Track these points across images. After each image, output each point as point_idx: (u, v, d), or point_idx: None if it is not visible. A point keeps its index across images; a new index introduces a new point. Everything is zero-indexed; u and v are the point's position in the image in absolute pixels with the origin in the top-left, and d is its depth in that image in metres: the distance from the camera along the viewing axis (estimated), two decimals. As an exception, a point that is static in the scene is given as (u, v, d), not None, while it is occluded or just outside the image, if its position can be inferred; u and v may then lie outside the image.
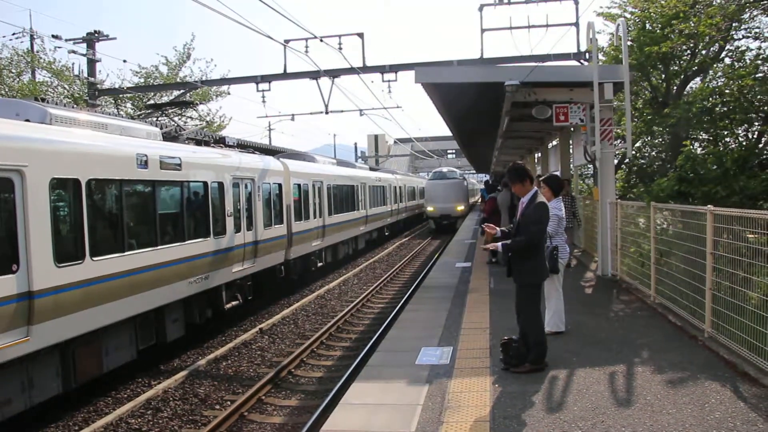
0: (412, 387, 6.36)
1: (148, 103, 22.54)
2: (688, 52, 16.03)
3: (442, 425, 5.35)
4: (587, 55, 16.65)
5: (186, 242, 10.99)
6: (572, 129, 14.87)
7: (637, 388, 6.00)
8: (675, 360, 6.74)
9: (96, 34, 20.73)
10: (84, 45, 20.63)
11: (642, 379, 6.25)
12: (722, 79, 15.67)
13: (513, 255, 6.64)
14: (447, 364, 7.04)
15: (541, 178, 8.57)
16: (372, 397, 6.17)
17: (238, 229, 13.13)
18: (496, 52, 28.70)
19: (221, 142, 14.63)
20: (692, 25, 13.83)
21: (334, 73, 19.00)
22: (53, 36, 20.17)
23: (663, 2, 14.92)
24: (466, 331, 8.46)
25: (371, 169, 35.70)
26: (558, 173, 16.40)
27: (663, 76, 16.90)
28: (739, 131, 14.44)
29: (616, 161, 15.11)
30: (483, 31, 18.22)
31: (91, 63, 20.61)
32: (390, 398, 6.13)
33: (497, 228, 6.91)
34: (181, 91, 22.53)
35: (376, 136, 64.67)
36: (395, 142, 58.69)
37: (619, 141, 14.51)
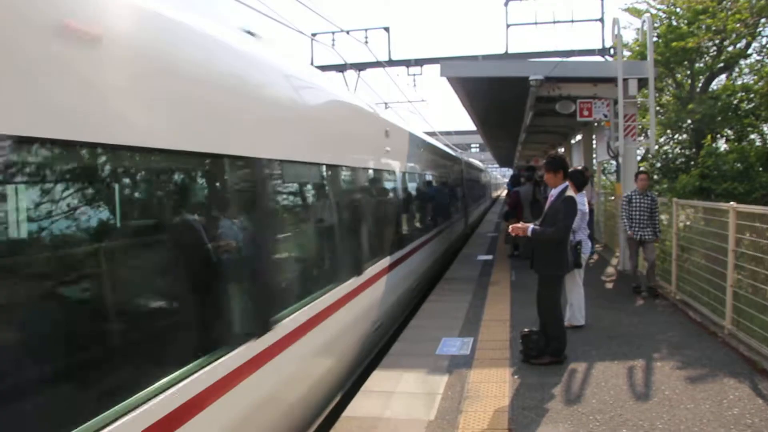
0: (432, 376, 6.45)
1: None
2: (714, 48, 15.87)
3: (461, 414, 5.43)
4: (612, 50, 16.55)
5: None
6: (596, 124, 14.81)
7: (656, 382, 6.03)
8: (694, 356, 6.75)
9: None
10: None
11: (661, 373, 6.27)
12: (749, 76, 15.51)
13: (536, 247, 6.68)
14: (467, 354, 7.12)
15: None
16: (392, 385, 6.25)
17: None
18: (521, 47, 28.71)
19: None
20: (719, 20, 13.69)
21: (360, 67, 19.11)
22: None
23: (690, -3, 14.79)
24: (486, 323, 8.53)
25: None
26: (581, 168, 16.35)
27: (688, 72, 16.75)
28: (765, 128, 14.29)
29: (639, 157, 15.04)
30: (508, 26, 18.22)
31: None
32: (410, 387, 6.22)
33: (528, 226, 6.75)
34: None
35: (400, 129, 64.24)
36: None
37: (642, 137, 14.44)
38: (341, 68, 19.06)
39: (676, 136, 17.82)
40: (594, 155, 17.13)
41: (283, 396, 4.95)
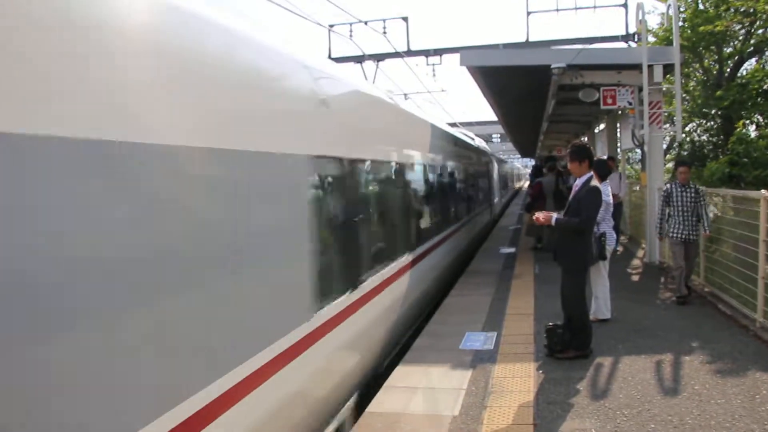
0: (455, 371, 6.40)
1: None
2: (743, 32, 15.53)
3: (486, 409, 5.37)
4: (636, 37, 16.27)
5: None
6: (620, 112, 14.59)
7: (684, 377, 5.91)
8: (724, 349, 6.61)
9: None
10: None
11: (689, 368, 6.15)
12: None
13: (559, 239, 6.57)
14: (491, 349, 7.05)
15: None
16: (416, 380, 6.22)
17: None
18: (542, 35, 28.29)
19: None
20: (749, 2, 13.38)
21: (378, 57, 19.02)
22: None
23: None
24: (510, 317, 8.45)
25: None
26: (605, 158, 16.16)
27: (716, 57, 16.42)
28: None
29: (665, 145, 14.80)
30: (529, 13, 18.01)
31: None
32: (434, 382, 6.18)
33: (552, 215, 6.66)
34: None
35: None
36: (439, 125, 57.95)
37: (668, 125, 14.18)
38: (359, 59, 18.98)
39: (702, 122, 17.52)
40: (618, 144, 16.89)
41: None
